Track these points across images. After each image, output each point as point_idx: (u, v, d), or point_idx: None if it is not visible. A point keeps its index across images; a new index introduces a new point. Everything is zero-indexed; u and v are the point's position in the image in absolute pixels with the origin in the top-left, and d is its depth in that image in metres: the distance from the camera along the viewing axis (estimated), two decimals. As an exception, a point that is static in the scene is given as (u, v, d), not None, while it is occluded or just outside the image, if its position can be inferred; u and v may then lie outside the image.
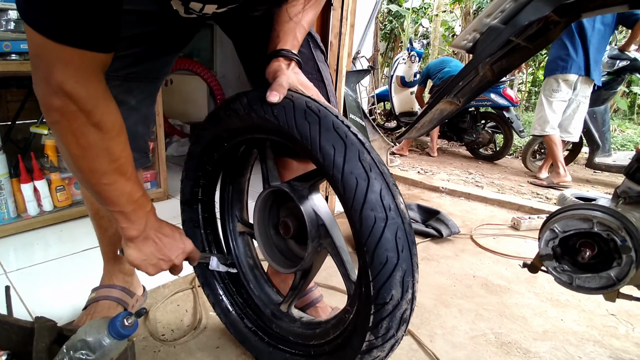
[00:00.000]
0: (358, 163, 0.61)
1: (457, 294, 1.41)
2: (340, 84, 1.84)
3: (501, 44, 0.87)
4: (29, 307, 1.16)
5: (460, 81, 1.00)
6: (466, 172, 3.81)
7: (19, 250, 1.51)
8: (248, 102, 0.71)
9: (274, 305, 0.95)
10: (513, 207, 2.36)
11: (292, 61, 0.76)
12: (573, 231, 0.90)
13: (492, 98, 4.16)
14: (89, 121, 0.58)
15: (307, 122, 0.64)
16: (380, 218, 0.59)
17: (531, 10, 0.78)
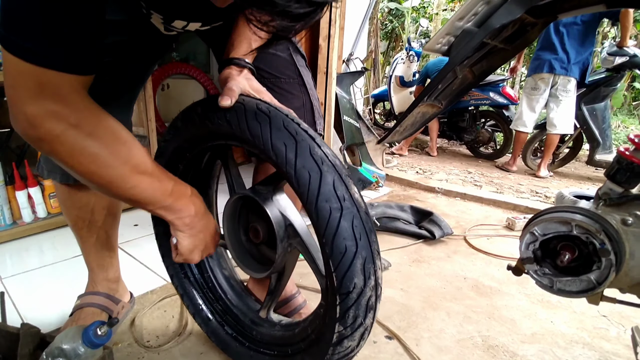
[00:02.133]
0: (309, 157, 0.62)
1: (446, 296, 1.40)
2: (331, 87, 1.84)
3: (476, 46, 0.87)
4: (21, 313, 1.18)
5: (439, 84, 1.00)
6: (465, 171, 3.79)
7: (15, 256, 1.53)
8: (202, 110, 0.72)
9: (253, 313, 0.95)
10: (509, 207, 2.35)
11: (245, 69, 0.76)
12: (553, 234, 0.89)
13: (491, 97, 4.14)
14: (82, 134, 0.58)
15: (258, 122, 0.65)
16: (335, 208, 0.60)
17: (503, 13, 0.78)
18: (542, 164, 3.61)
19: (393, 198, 2.48)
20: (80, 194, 0.95)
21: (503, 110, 4.20)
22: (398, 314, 1.28)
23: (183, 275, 0.98)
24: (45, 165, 0.93)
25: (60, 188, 0.95)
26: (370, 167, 2.58)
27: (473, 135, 4.39)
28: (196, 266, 1.00)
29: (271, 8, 0.40)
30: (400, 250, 1.75)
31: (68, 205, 0.98)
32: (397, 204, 2.00)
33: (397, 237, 1.89)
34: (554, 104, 3.35)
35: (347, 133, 2.41)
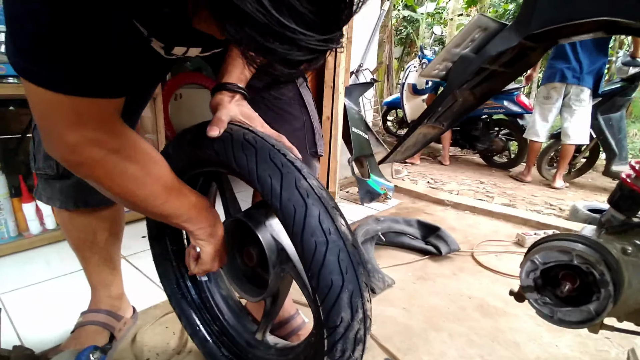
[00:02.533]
0: (295, 190, 0.62)
1: (449, 316, 1.38)
2: (338, 101, 1.84)
3: (474, 71, 0.86)
4: (18, 330, 1.19)
5: (439, 107, 0.99)
6: (478, 181, 3.73)
7: (17, 269, 1.54)
8: (191, 138, 0.73)
9: (248, 334, 0.95)
10: (519, 221, 2.30)
11: (237, 94, 0.76)
12: (553, 263, 0.87)
13: (505, 105, 4.08)
14: (122, 158, 0.60)
15: (244, 153, 0.65)
16: (320, 242, 0.60)
17: (500, 41, 0.77)
18: (557, 174, 3.54)
19: (401, 210, 2.46)
20: (81, 218, 0.96)
21: (517, 119, 4.13)
22: (399, 334, 1.27)
23: (180, 295, 0.99)
24: (44, 192, 0.93)
25: (61, 213, 0.97)
26: (378, 178, 2.56)
27: (486, 144, 4.33)
28: (193, 286, 1.01)
29: (271, 56, 0.40)
30: (406, 267, 1.73)
31: (69, 228, 0.99)
32: (404, 219, 1.98)
33: (403, 252, 1.87)
34: (567, 114, 3.31)
35: (356, 145, 2.40)
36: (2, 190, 1.58)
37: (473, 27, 0.77)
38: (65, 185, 0.90)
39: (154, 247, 0.97)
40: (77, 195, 0.92)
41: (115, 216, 1.04)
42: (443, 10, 9.74)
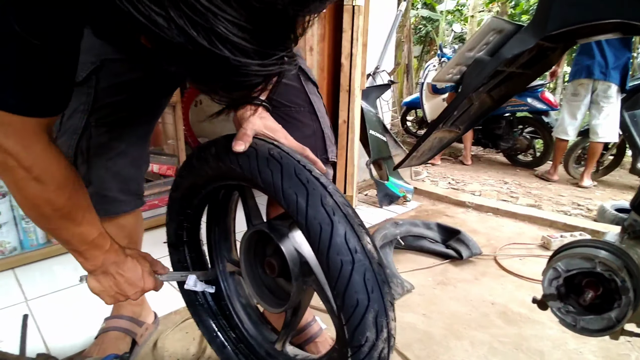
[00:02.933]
0: (321, 208, 0.61)
1: (471, 323, 1.35)
2: (354, 105, 1.83)
3: (489, 75, 0.83)
4: (44, 336, 1.23)
5: (454, 111, 0.96)
6: (501, 181, 3.63)
7: (45, 276, 1.59)
8: (216, 152, 0.73)
9: (268, 344, 0.95)
10: (545, 223, 2.22)
11: (259, 107, 0.77)
12: (576, 270, 0.83)
13: (529, 102, 3.96)
14: (28, 175, 0.60)
15: (270, 169, 0.65)
16: (347, 261, 0.59)
17: (515, 43, 0.74)
18: (585, 173, 3.42)
19: (421, 213, 2.43)
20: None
21: (543, 116, 4.00)
22: (418, 342, 1.24)
23: (197, 303, 1.00)
24: None
25: None
26: (397, 181, 2.53)
27: (510, 142, 4.21)
28: (211, 294, 1.01)
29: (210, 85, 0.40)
30: (425, 271, 1.70)
31: None
32: (423, 222, 1.95)
33: (422, 256, 1.84)
34: (595, 111, 3.21)
35: (374, 147, 2.38)
36: (31, 199, 1.65)
37: (487, 30, 0.75)
38: None
39: (172, 254, 0.99)
40: (96, 204, 0.94)
41: (133, 224, 1.06)
42: (463, 7, 9.56)
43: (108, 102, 0.87)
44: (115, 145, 0.91)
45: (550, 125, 3.93)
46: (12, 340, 1.17)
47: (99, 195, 0.93)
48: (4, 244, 1.61)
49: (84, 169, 0.90)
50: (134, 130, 0.94)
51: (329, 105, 1.89)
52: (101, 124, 0.88)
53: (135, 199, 1.02)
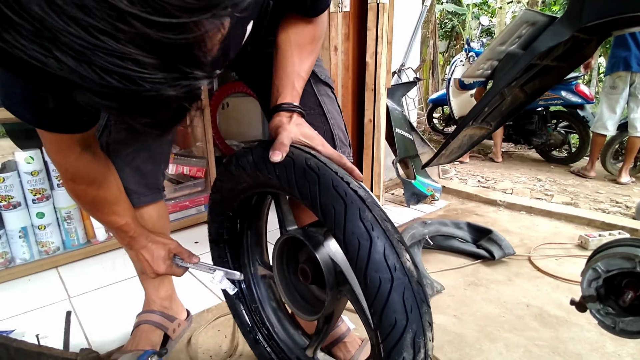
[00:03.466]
0: (359, 222, 0.59)
1: (505, 326, 1.31)
2: (379, 104, 1.82)
3: (522, 69, 0.81)
4: (86, 332, 1.30)
5: (485, 107, 0.94)
6: (534, 178, 3.51)
7: (86, 274, 1.67)
8: (253, 161, 0.73)
9: (299, 350, 0.95)
10: (582, 222, 2.13)
11: (294, 113, 0.76)
12: (616, 271, 0.79)
13: (563, 96, 3.80)
14: (66, 176, 0.80)
15: (307, 181, 0.64)
16: (385, 279, 0.57)
17: (550, 36, 0.72)
18: (623, 169, 3.26)
19: (450, 212, 2.38)
20: None
21: (578, 109, 3.83)
22: (449, 344, 1.22)
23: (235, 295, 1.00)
24: None
25: None
26: (425, 179, 2.49)
27: (543, 138, 4.06)
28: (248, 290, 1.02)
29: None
30: (455, 272, 1.67)
31: None
32: (453, 221, 1.91)
33: (452, 256, 1.80)
34: (634, 104, 3.09)
35: (400, 146, 2.35)
36: (71, 201, 1.73)
37: (519, 23, 0.73)
38: None
39: (212, 250, 1.00)
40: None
41: (155, 216, 1.09)
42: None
43: None
44: (133, 142, 0.96)
45: (586, 119, 3.76)
46: (57, 336, 1.23)
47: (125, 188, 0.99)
48: (48, 244, 1.70)
49: None
50: (146, 147, 0.99)
51: (354, 105, 1.89)
52: (119, 122, 0.94)
53: (154, 192, 1.05)
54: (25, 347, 0.99)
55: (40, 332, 1.26)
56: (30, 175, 1.61)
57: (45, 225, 1.67)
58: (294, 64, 0.79)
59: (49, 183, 1.68)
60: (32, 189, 1.63)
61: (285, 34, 0.80)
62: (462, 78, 4.44)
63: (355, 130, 1.91)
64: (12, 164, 1.62)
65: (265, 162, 0.69)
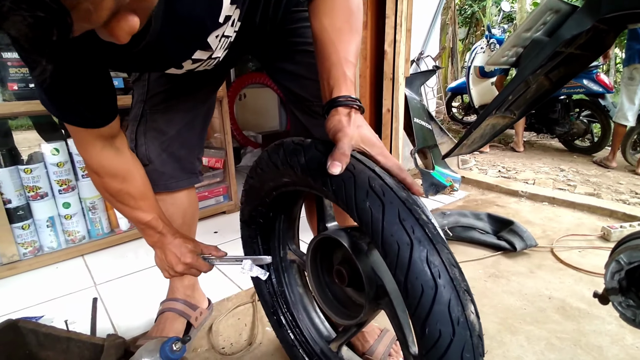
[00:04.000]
0: (425, 267, 0.53)
1: (526, 318, 1.29)
2: (398, 93, 1.79)
3: (548, 56, 0.78)
4: (112, 318, 1.34)
5: (510, 95, 0.92)
6: (557, 168, 3.42)
7: (111, 262, 1.72)
8: (306, 163, 0.65)
9: (323, 342, 0.95)
10: (604, 213, 2.07)
11: (352, 109, 0.66)
12: (638, 263, 0.77)
13: (585, 84, 3.69)
14: (90, 170, 0.84)
15: (369, 208, 0.56)
16: (446, 333, 0.53)
17: (573, 23, 0.69)
18: (641, 160, 3.18)
19: (470, 203, 2.34)
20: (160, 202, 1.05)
21: (599, 99, 3.72)
22: (469, 335, 1.21)
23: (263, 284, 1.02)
24: None
25: None
26: (444, 170, 2.46)
27: (566, 127, 3.95)
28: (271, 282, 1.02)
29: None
30: (475, 263, 1.65)
31: None
32: (473, 212, 1.88)
33: (472, 247, 1.78)
34: None
35: (418, 136, 2.32)
36: (96, 192, 1.78)
37: (544, 10, 0.70)
38: (148, 170, 0.99)
39: (243, 229, 0.99)
40: (158, 179, 1.05)
41: (186, 203, 1.13)
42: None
43: (158, 91, 0.98)
44: (167, 129, 1.01)
45: (607, 108, 3.66)
46: (84, 322, 1.28)
47: (158, 172, 1.03)
48: (74, 233, 1.76)
49: (143, 149, 1.01)
50: (182, 116, 1.03)
51: (372, 94, 1.86)
52: (154, 111, 1.00)
53: (190, 176, 1.10)
54: (55, 332, 1.03)
55: (68, 318, 1.30)
56: (56, 167, 1.66)
57: (71, 215, 1.73)
58: (338, 50, 0.69)
59: (74, 174, 1.73)
60: (58, 179, 1.68)
61: (318, 21, 0.72)
62: (485, 65, 4.34)
63: (374, 120, 1.89)
64: (39, 155, 1.67)
65: (321, 169, 0.60)
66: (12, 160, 1.61)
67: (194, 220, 1.20)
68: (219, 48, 0.77)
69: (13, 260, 1.62)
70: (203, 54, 0.76)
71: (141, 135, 1.01)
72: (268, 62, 1.01)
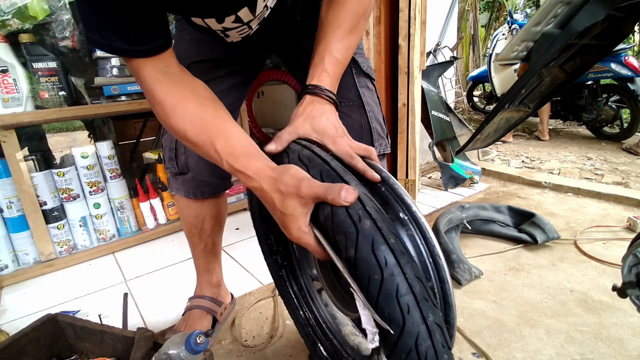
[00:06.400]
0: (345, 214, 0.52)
1: (547, 311, 1.28)
2: (413, 87, 1.79)
3: (560, 48, 0.77)
4: (142, 312, 1.41)
5: (522, 89, 0.91)
6: (584, 157, 3.32)
7: (139, 259, 1.81)
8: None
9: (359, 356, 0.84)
10: (632, 203, 2.00)
11: (317, 97, 0.72)
12: (660, 257, 0.76)
13: (612, 68, 3.54)
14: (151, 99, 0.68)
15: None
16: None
17: (586, 15, 0.68)
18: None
19: (490, 195, 2.31)
20: (195, 206, 1.12)
21: (628, 83, 3.56)
22: (488, 329, 1.22)
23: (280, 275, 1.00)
24: (173, 184, 1.13)
25: (182, 201, 1.14)
26: (463, 162, 2.43)
27: (594, 113, 3.81)
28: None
29: None
30: (496, 256, 1.64)
31: (186, 214, 1.15)
32: (492, 205, 1.86)
33: (492, 241, 1.77)
34: None
35: (437, 128, 2.31)
36: (124, 192, 1.87)
37: (554, 2, 0.70)
38: (185, 179, 1.08)
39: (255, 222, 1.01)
40: (194, 187, 1.09)
41: (221, 204, 1.18)
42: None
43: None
44: None
45: (637, 92, 3.49)
46: (116, 316, 1.35)
47: (197, 180, 1.07)
48: (104, 232, 1.85)
49: (183, 158, 1.04)
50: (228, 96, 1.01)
51: (388, 89, 1.87)
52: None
53: (224, 181, 1.14)
54: (90, 325, 1.11)
55: (102, 312, 1.39)
56: (86, 169, 1.75)
57: (101, 214, 1.82)
58: (328, 42, 0.73)
59: (102, 176, 1.82)
60: (89, 181, 1.77)
61: (324, 12, 0.75)
62: (495, 62, 4.22)
63: (390, 115, 1.89)
64: (70, 158, 1.77)
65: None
66: (46, 164, 1.71)
67: (224, 220, 1.25)
68: (257, 18, 0.78)
69: (50, 258, 1.72)
70: (246, 15, 0.76)
71: (180, 145, 1.03)
72: (291, 58, 1.04)
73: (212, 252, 1.23)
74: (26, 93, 1.59)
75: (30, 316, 1.41)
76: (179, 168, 1.06)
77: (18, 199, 1.63)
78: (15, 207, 1.64)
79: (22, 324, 1.14)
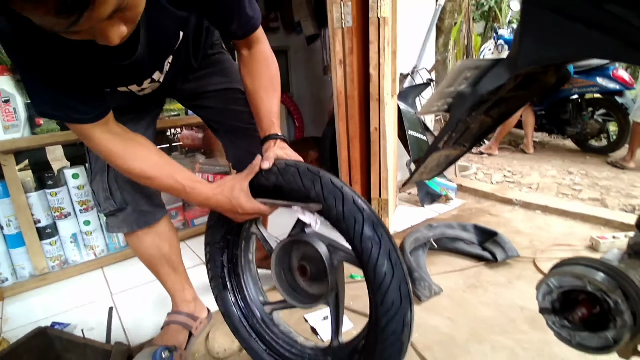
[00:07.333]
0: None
1: (495, 328, 1.38)
2: (384, 113, 1.90)
3: (475, 105, 0.88)
4: (125, 326, 1.52)
5: (453, 133, 1.02)
6: (565, 171, 3.41)
7: (126, 273, 1.92)
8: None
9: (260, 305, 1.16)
10: (599, 222, 2.10)
11: (277, 140, 0.99)
12: (568, 288, 0.86)
13: (599, 82, 3.63)
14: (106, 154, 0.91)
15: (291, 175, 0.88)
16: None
17: (491, 79, 0.79)
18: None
19: (464, 212, 2.42)
20: (145, 237, 1.22)
21: (615, 96, 3.65)
22: (439, 344, 1.32)
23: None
24: (113, 225, 1.20)
25: (132, 238, 1.23)
26: (439, 179, 2.54)
27: (578, 127, 3.89)
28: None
29: None
30: (458, 274, 1.74)
31: (142, 248, 1.24)
32: (460, 223, 1.97)
33: (457, 258, 1.87)
34: None
35: (413, 147, 2.41)
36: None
37: (461, 69, 0.80)
38: (125, 214, 1.17)
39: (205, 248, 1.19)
40: (137, 218, 1.19)
41: (167, 229, 1.28)
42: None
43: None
44: None
45: (625, 105, 3.57)
46: (102, 329, 1.47)
47: (137, 211, 1.17)
48: (94, 247, 1.97)
49: (118, 194, 1.14)
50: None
51: (362, 114, 1.98)
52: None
53: (161, 208, 1.25)
54: (74, 339, 1.23)
55: (89, 325, 1.51)
56: (76, 189, 1.87)
57: (91, 231, 1.94)
58: (267, 103, 1.03)
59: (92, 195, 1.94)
60: (79, 200, 1.89)
61: (250, 81, 1.04)
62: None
63: (363, 138, 2.00)
64: (61, 176, 1.89)
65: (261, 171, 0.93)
66: (40, 185, 1.84)
67: (178, 238, 1.36)
68: (164, 73, 1.03)
69: (44, 272, 1.85)
70: (158, 75, 1.01)
71: (113, 181, 1.13)
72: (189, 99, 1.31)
73: (176, 271, 1.34)
74: (24, 120, 1.72)
75: (27, 326, 1.53)
76: (117, 204, 1.15)
77: (15, 217, 1.76)
78: (13, 224, 1.77)
79: (20, 333, 1.26)
